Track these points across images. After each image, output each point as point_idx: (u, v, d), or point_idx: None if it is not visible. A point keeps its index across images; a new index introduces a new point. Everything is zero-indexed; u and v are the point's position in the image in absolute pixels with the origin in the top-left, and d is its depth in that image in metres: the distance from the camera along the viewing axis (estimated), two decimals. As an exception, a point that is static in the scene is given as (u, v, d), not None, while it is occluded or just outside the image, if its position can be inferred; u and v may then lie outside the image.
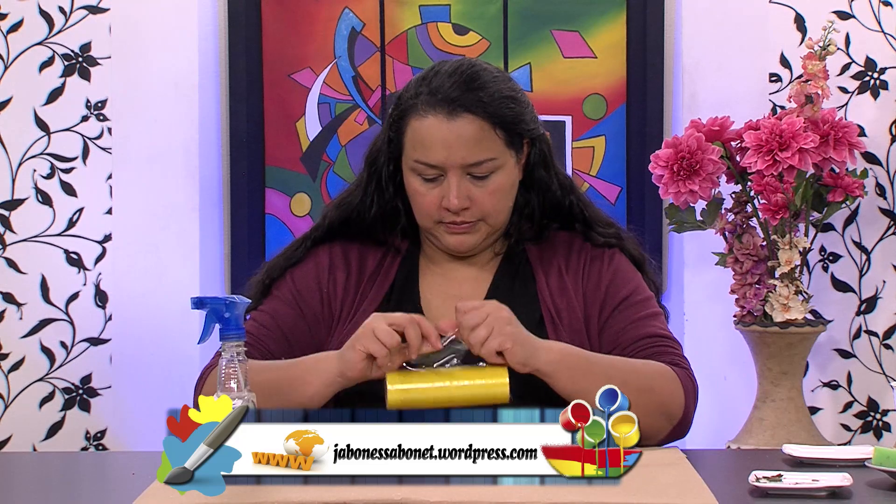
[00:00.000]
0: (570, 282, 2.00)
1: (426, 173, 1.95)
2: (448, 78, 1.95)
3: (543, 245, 2.05)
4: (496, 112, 1.93)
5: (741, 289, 2.98)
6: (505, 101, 1.95)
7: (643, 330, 1.96)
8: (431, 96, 1.94)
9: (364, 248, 2.05)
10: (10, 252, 3.26)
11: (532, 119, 2.00)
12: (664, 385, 1.87)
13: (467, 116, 1.92)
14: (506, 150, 1.96)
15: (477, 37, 3.35)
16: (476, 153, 1.93)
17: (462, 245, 1.99)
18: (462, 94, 1.93)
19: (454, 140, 1.92)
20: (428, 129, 1.93)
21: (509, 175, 1.97)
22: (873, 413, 3.24)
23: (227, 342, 1.68)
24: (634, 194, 3.33)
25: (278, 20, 3.36)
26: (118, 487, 1.79)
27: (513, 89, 1.98)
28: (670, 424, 1.89)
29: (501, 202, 1.98)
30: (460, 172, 1.93)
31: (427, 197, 1.96)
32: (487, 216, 1.97)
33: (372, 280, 2.02)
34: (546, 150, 2.04)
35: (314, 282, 2.03)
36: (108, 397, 3.26)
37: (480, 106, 1.93)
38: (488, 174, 1.94)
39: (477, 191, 1.95)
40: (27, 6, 3.25)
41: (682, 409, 1.89)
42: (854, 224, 3.22)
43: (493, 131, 1.94)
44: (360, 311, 1.98)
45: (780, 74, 3.21)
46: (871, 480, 1.68)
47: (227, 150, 3.37)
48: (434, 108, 1.93)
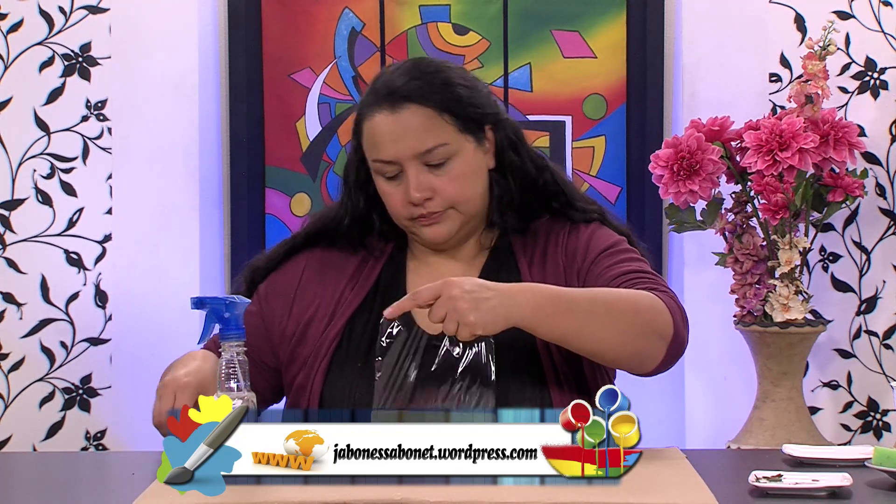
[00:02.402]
0: (551, 264, 1.99)
1: (385, 171, 1.96)
2: (391, 75, 1.97)
3: (528, 235, 2.04)
4: (440, 98, 1.94)
5: (741, 289, 2.98)
6: (448, 87, 1.95)
7: (622, 268, 1.94)
8: (376, 95, 1.96)
9: (343, 253, 2.06)
10: (10, 252, 3.27)
11: (487, 104, 2.00)
12: (648, 305, 1.83)
13: (410, 106, 1.93)
14: (459, 135, 1.95)
15: (477, 37, 3.36)
16: (425, 141, 1.93)
17: (437, 235, 1.98)
18: (402, 85, 1.94)
19: (401, 132, 1.93)
20: (376, 127, 1.95)
21: (469, 160, 1.97)
22: (873, 413, 3.24)
23: (227, 342, 1.68)
24: (634, 194, 3.33)
25: (278, 20, 3.36)
26: (118, 487, 1.79)
27: (461, 77, 1.99)
28: (664, 343, 1.84)
29: (466, 188, 1.97)
30: (416, 164, 1.94)
31: (394, 196, 1.97)
32: (456, 203, 1.96)
33: (351, 283, 2.02)
34: (513, 134, 2.03)
35: (284, 288, 2.05)
36: (108, 397, 3.26)
37: (421, 93, 1.94)
38: (444, 161, 1.94)
39: (437, 179, 1.95)
40: (27, 6, 3.25)
41: (672, 328, 1.84)
42: (854, 224, 3.22)
43: (440, 117, 1.94)
44: (338, 314, 1.99)
45: (780, 74, 3.21)
46: (871, 480, 1.68)
47: (227, 150, 3.37)
48: (379, 104, 1.95)
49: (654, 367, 1.86)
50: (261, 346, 2.01)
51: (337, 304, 2.00)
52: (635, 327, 1.81)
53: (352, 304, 2.00)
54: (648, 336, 1.83)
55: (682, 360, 1.93)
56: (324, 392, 1.93)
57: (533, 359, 1.92)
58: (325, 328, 1.98)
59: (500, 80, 3.35)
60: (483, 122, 1.99)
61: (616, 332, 1.80)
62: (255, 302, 2.05)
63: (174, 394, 1.80)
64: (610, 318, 1.80)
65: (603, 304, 1.80)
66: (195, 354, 1.91)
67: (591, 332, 1.79)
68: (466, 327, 1.73)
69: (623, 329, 1.81)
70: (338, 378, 1.94)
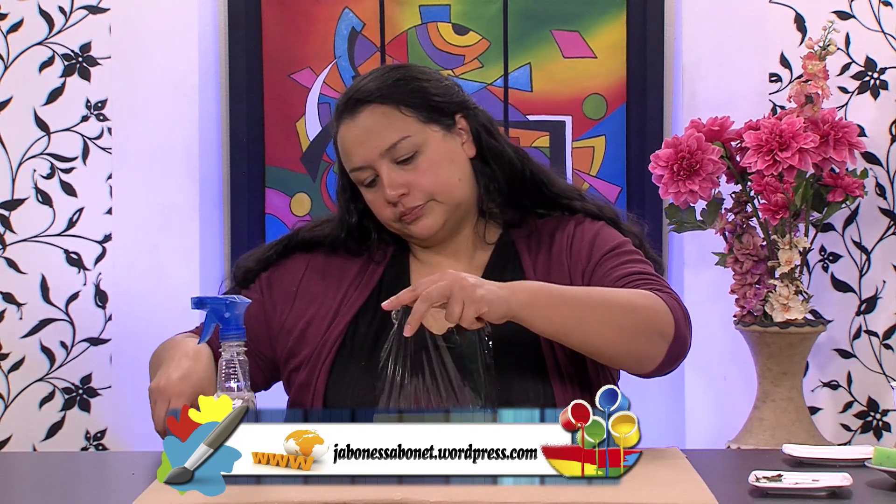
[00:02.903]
0: (556, 264, 2.00)
1: (362, 178, 1.99)
2: (351, 86, 2.02)
3: (532, 234, 2.05)
4: (394, 93, 1.97)
5: (741, 289, 2.98)
6: (403, 82, 1.98)
7: (626, 269, 1.94)
8: (337, 108, 2.01)
9: (345, 259, 2.08)
10: (10, 252, 3.26)
11: (448, 93, 2.02)
12: (648, 304, 1.84)
13: (366, 108, 1.97)
14: (423, 126, 1.97)
15: (477, 37, 3.36)
16: (386, 137, 1.95)
17: (424, 229, 1.99)
18: (358, 89, 1.99)
19: (363, 135, 1.96)
20: (343, 137, 1.99)
21: (438, 150, 1.98)
22: (873, 413, 3.24)
23: (227, 342, 1.68)
24: (634, 194, 3.33)
25: (278, 20, 3.36)
26: (118, 487, 1.79)
27: (420, 72, 2.02)
28: (665, 343, 1.84)
29: (441, 176, 1.98)
30: (386, 163, 1.96)
31: (376, 202, 2.00)
32: (434, 193, 1.98)
33: (354, 284, 2.04)
34: (487, 122, 2.06)
35: (287, 284, 2.06)
36: (108, 397, 3.26)
37: (376, 93, 1.97)
38: (412, 154, 1.96)
39: (409, 174, 1.96)
40: (27, 6, 3.25)
41: (673, 327, 1.84)
42: (854, 224, 3.22)
43: (399, 111, 1.96)
44: (341, 314, 2.00)
45: (780, 74, 3.21)
46: (871, 480, 1.68)
47: (227, 150, 3.37)
48: (341, 116, 2.00)
49: (655, 368, 1.86)
50: (259, 335, 2.02)
51: (340, 304, 2.01)
52: (634, 325, 1.81)
53: (355, 304, 2.01)
54: (648, 335, 1.83)
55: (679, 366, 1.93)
56: (328, 390, 1.94)
57: (536, 355, 1.93)
58: (327, 327, 1.99)
59: (500, 80, 3.35)
60: (448, 110, 2.01)
61: (613, 329, 1.80)
62: (257, 291, 2.06)
63: (168, 402, 1.81)
64: (607, 315, 1.80)
65: (601, 301, 1.81)
66: (186, 351, 1.89)
67: (587, 329, 1.79)
68: (473, 304, 1.72)
69: (621, 327, 1.81)
70: (342, 376, 1.95)
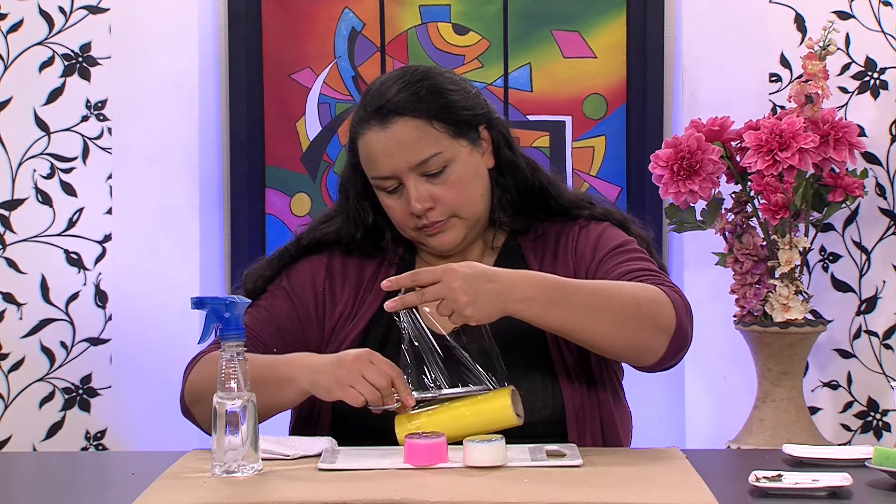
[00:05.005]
0: (561, 265, 2.00)
1: (385, 186, 1.97)
2: (379, 88, 1.98)
3: (538, 239, 2.05)
4: (429, 107, 1.95)
5: (741, 289, 2.98)
6: (436, 94, 1.96)
7: (629, 266, 1.94)
8: (365, 111, 1.97)
9: (361, 260, 2.07)
10: (10, 252, 3.27)
11: (477, 104, 2.01)
12: (649, 298, 1.83)
13: (399, 119, 1.94)
14: (453, 141, 1.96)
15: (477, 37, 3.36)
16: (418, 152, 1.94)
17: (443, 244, 1.99)
18: (389, 100, 1.95)
19: (393, 146, 1.94)
20: (370, 144, 1.96)
21: (466, 165, 1.97)
22: (873, 413, 3.24)
23: (227, 342, 1.68)
24: (634, 194, 3.33)
25: (278, 20, 3.36)
26: (118, 487, 1.79)
27: (450, 81, 2.00)
28: (666, 337, 1.84)
29: (467, 193, 1.97)
30: (414, 175, 1.95)
31: (397, 209, 1.98)
32: (457, 210, 1.97)
33: (369, 288, 2.04)
34: (505, 131, 2.05)
35: (309, 284, 2.05)
36: (108, 397, 3.26)
37: (410, 105, 1.94)
38: (441, 169, 1.95)
39: (436, 188, 1.95)
40: (27, 6, 3.25)
41: (675, 321, 1.84)
42: (854, 224, 3.22)
43: (432, 126, 1.95)
44: (358, 316, 2.00)
45: (780, 74, 3.21)
46: (871, 480, 1.68)
47: (227, 150, 3.37)
48: (369, 121, 1.96)
49: (657, 361, 1.86)
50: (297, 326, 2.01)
51: (357, 308, 2.02)
52: (636, 319, 1.81)
53: (370, 309, 2.01)
54: (649, 328, 1.83)
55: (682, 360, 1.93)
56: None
57: (543, 352, 1.93)
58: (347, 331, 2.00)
59: (500, 80, 3.35)
60: (475, 123, 2.00)
61: (616, 323, 1.80)
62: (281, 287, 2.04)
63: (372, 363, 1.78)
64: (610, 309, 1.80)
65: (603, 295, 1.81)
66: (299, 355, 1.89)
67: (589, 323, 1.80)
68: (462, 318, 1.75)
69: (623, 320, 1.81)
70: None
